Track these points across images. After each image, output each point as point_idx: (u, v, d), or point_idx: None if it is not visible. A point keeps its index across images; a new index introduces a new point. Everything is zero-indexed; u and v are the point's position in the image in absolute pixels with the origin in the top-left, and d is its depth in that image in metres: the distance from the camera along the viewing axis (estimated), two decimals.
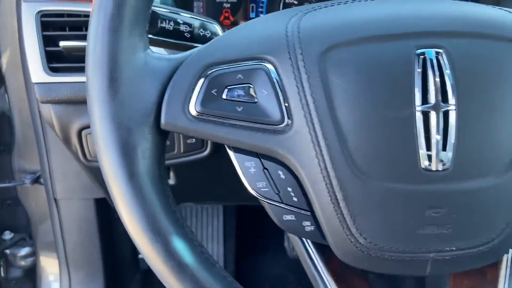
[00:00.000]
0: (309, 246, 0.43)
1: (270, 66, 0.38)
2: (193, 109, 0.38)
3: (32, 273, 1.26)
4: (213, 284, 0.38)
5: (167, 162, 0.61)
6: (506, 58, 0.38)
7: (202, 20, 0.53)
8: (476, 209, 0.37)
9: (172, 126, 0.38)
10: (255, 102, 0.38)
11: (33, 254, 1.24)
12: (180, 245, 0.37)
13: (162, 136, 0.39)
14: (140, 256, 1.34)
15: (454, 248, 0.38)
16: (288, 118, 0.38)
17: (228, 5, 0.85)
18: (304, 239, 0.43)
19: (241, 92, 0.38)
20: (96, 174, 0.79)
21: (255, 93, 0.38)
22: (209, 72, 0.38)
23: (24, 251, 1.24)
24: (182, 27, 0.51)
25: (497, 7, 0.42)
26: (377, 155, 0.37)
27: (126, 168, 0.36)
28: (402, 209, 0.37)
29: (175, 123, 0.38)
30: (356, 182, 0.37)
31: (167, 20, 0.50)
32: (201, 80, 0.38)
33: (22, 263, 1.25)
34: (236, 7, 0.85)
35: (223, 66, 0.39)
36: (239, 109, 0.38)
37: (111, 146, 0.36)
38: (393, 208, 0.37)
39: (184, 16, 0.52)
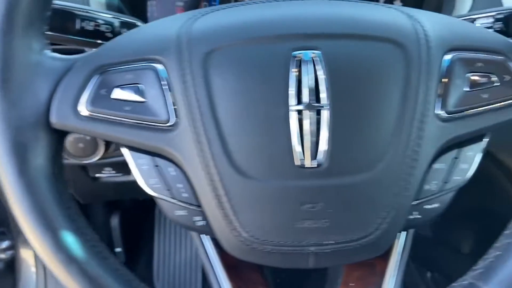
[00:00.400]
0: (205, 239, 0.45)
1: (160, 66, 0.40)
2: (84, 108, 0.40)
3: (12, 266, 1.29)
4: (103, 275, 0.39)
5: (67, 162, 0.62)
6: (377, 58, 0.39)
7: (125, 20, 0.54)
8: (351, 204, 0.38)
9: (63, 125, 0.40)
10: (143, 102, 0.40)
11: (13, 247, 1.27)
12: (70, 240, 0.39)
13: (57, 135, 0.41)
14: (116, 249, 1.36)
15: (333, 242, 0.39)
16: (176, 117, 0.39)
17: (182, 4, 0.86)
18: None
19: (130, 92, 0.40)
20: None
21: (144, 93, 0.40)
22: (100, 72, 0.40)
23: (4, 244, 1.26)
24: (103, 27, 0.53)
25: (388, 5, 0.43)
26: (254, 153, 0.38)
27: (16, 166, 0.38)
28: (280, 205, 0.38)
29: (65, 122, 0.39)
30: (236, 179, 0.38)
31: (87, 21, 0.52)
32: (92, 81, 0.40)
33: (2, 256, 1.28)
34: (190, 6, 0.86)
35: (115, 66, 0.40)
36: (127, 109, 0.39)
37: (1, 145, 0.38)
38: (272, 203, 0.38)
39: (105, 16, 0.53)
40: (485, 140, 0.42)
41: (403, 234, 0.49)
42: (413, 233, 0.50)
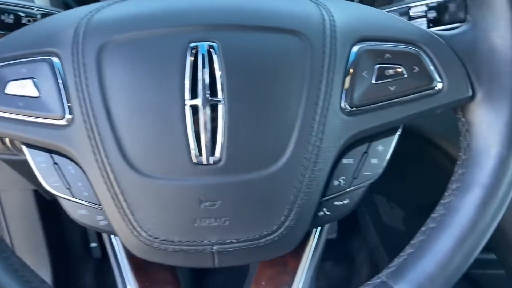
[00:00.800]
0: (114, 238, 0.43)
1: (55, 60, 0.38)
2: None
3: None
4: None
5: None
6: (278, 50, 0.37)
7: (48, 11, 0.52)
8: (251, 201, 0.37)
9: None
10: (38, 97, 0.38)
11: None
12: None
13: None
14: (92, 245, 1.35)
15: (235, 240, 0.38)
16: (70, 113, 0.38)
17: None
18: None
19: (23, 86, 0.38)
20: (16, 167, 0.79)
21: (39, 88, 0.38)
22: None
23: None
24: (24, 20, 0.51)
25: None
26: (150, 150, 0.37)
27: None
28: (178, 203, 0.37)
29: None
30: (132, 177, 0.37)
31: (6, 13, 0.50)
32: None
33: None
34: None
35: (10, 60, 0.39)
36: (21, 104, 0.38)
37: None
38: (170, 202, 0.37)
39: (27, 8, 0.51)
40: (398, 134, 0.41)
41: (317, 231, 0.48)
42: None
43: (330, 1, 0.41)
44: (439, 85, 0.39)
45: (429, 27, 0.52)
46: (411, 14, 0.53)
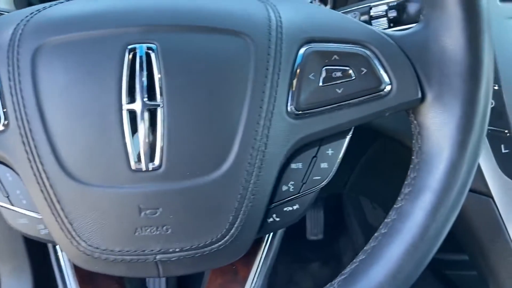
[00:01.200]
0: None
1: None
2: None
3: None
4: None
5: None
6: (221, 52, 0.36)
7: None
8: (193, 208, 0.36)
9: None
10: None
11: None
12: None
13: None
14: None
15: (178, 249, 0.36)
16: (5, 119, 0.36)
17: None
18: None
19: None
20: None
21: None
22: None
23: None
24: None
25: None
26: (87, 157, 0.35)
27: None
28: (117, 212, 0.36)
29: None
30: (68, 184, 0.35)
31: None
32: None
33: None
34: None
35: None
36: None
37: None
38: (108, 210, 0.36)
39: None
40: (349, 137, 0.40)
41: (269, 237, 0.47)
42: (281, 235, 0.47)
43: (279, 0, 0.40)
44: (388, 87, 0.37)
45: (390, 26, 0.51)
46: (371, 13, 0.52)
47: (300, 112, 0.37)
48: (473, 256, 0.64)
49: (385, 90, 0.37)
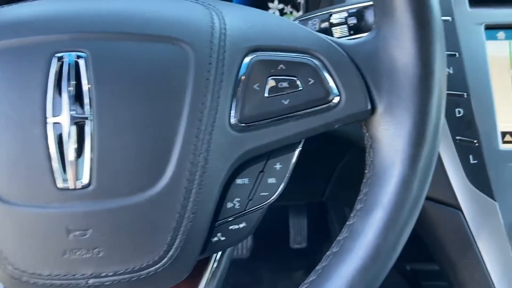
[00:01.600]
0: None
1: None
2: None
3: None
4: None
5: None
6: (158, 61, 0.33)
7: None
8: (127, 229, 0.33)
9: None
10: None
11: None
12: None
13: None
14: None
15: (112, 273, 0.34)
16: None
17: None
18: None
19: None
20: None
21: None
22: None
23: None
24: None
25: None
26: (9, 174, 0.33)
27: None
28: (44, 233, 0.33)
29: None
30: None
31: None
32: None
33: None
34: None
35: None
36: None
37: None
38: (35, 232, 0.33)
39: None
40: (298, 150, 0.38)
41: (217, 256, 0.44)
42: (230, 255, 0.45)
43: (226, 6, 0.38)
44: (336, 99, 0.35)
45: (350, 34, 0.50)
46: (332, 20, 0.50)
47: (244, 124, 0.35)
48: (442, 267, 0.63)
49: (333, 101, 0.35)
